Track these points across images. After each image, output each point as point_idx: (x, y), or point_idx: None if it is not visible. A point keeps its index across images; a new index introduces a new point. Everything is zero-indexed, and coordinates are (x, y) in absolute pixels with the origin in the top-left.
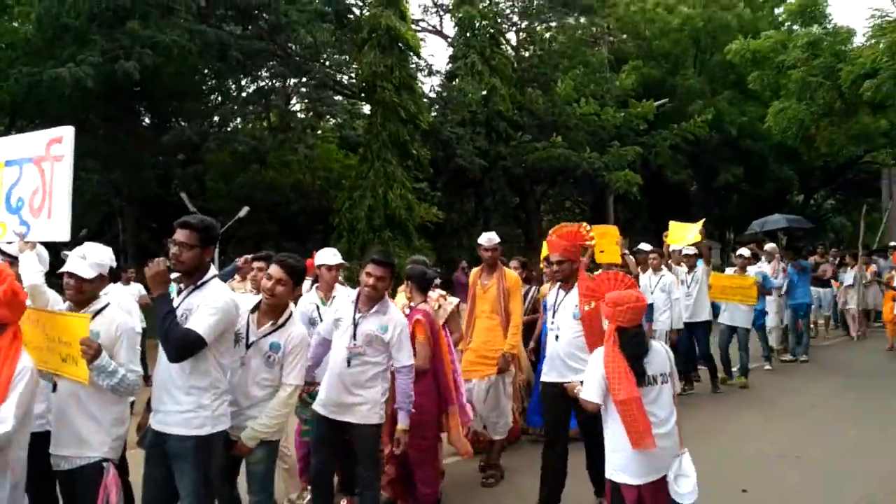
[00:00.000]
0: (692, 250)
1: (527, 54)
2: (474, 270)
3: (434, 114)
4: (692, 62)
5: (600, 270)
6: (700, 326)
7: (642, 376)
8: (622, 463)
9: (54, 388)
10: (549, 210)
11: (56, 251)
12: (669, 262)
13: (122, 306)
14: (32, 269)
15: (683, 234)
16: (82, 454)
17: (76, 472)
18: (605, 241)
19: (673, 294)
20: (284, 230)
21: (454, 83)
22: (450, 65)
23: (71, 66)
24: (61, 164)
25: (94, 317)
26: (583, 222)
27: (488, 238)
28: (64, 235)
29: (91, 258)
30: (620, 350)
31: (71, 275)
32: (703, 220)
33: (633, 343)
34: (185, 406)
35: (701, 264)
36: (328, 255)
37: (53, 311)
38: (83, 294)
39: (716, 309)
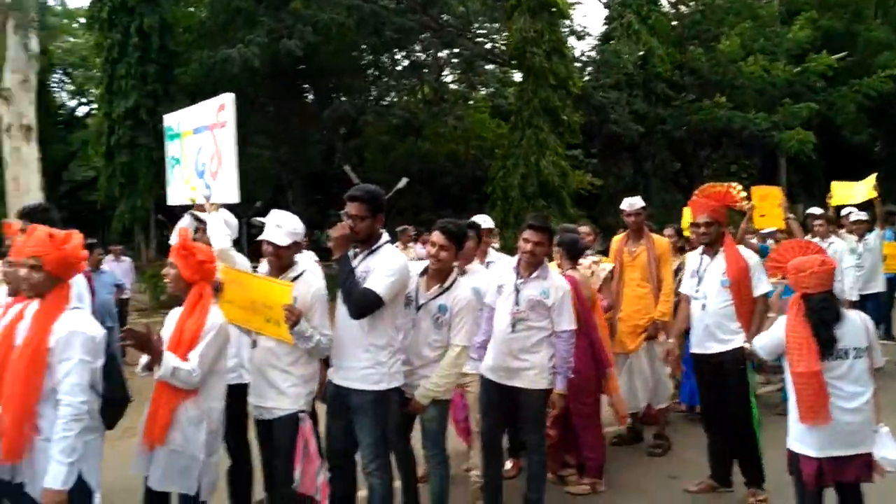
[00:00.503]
0: (863, 215)
1: (687, 10)
2: (618, 237)
3: (587, 78)
4: (874, 10)
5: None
6: (872, 298)
7: (829, 347)
8: (800, 434)
9: (254, 345)
10: (713, 175)
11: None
12: (839, 229)
13: (313, 272)
14: (220, 233)
15: (851, 193)
16: (281, 406)
17: (275, 423)
18: (766, 203)
19: (844, 262)
20: (440, 200)
21: (609, 45)
22: (605, 26)
23: (240, 46)
24: (225, 130)
25: (292, 282)
26: (733, 182)
27: (630, 203)
28: (233, 197)
29: (286, 227)
30: (805, 318)
31: (268, 242)
32: (875, 174)
33: (819, 309)
34: (363, 363)
35: (875, 232)
36: (479, 220)
37: (257, 276)
38: (280, 260)
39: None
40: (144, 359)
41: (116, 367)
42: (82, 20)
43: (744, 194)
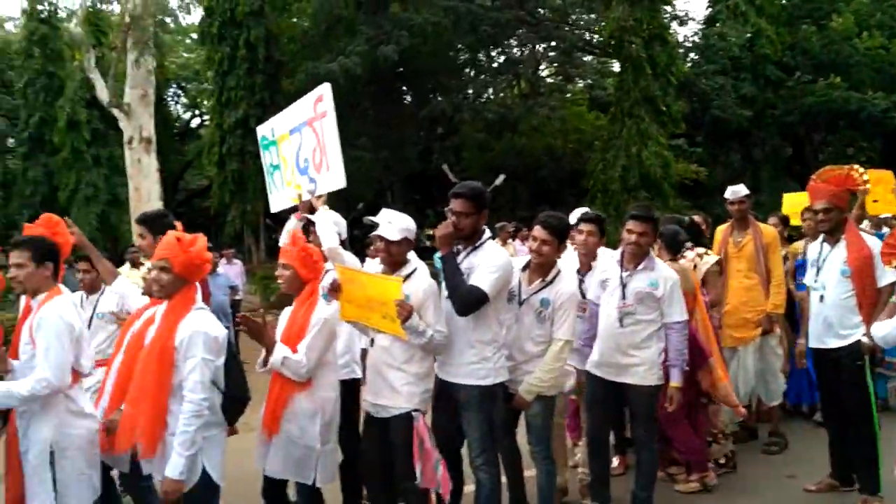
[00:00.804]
0: None
1: None
2: (721, 228)
3: (689, 64)
4: None
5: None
6: None
7: None
8: None
9: (371, 343)
10: (829, 159)
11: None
12: None
13: (425, 269)
14: (329, 233)
15: None
16: (395, 404)
17: (391, 420)
18: (880, 188)
19: None
20: (537, 196)
21: (713, 28)
22: (709, 9)
23: (341, 59)
24: (327, 119)
25: (404, 280)
26: (853, 164)
27: (733, 191)
28: (341, 182)
29: (397, 223)
30: None
31: (381, 238)
32: None
33: None
34: (469, 358)
35: None
36: (579, 214)
37: (369, 273)
38: (391, 256)
39: None
40: (262, 357)
41: (236, 366)
42: (194, 36)
43: (866, 177)
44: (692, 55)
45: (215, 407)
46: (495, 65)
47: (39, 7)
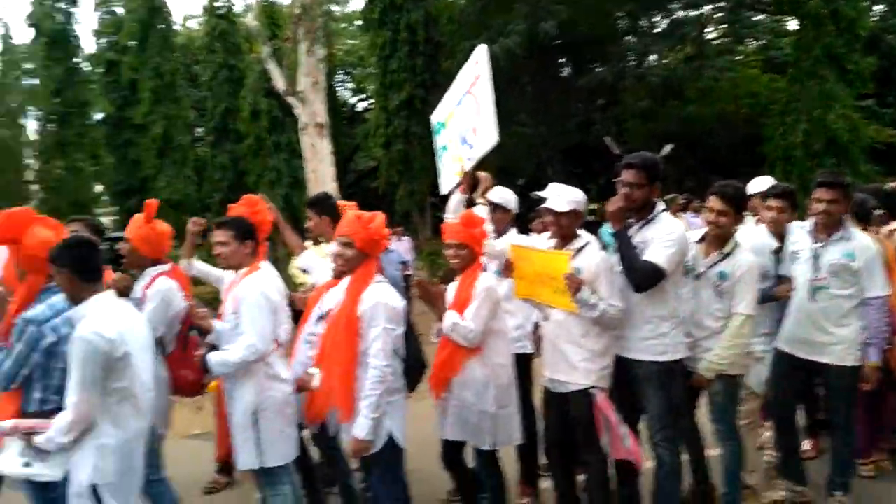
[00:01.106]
0: None
1: None
2: None
3: (875, 18)
4: None
5: None
6: None
7: None
8: None
9: (545, 319)
10: None
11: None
12: None
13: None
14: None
15: None
16: (573, 380)
17: (569, 397)
18: None
19: None
20: (707, 165)
21: None
22: None
23: (501, 39)
24: (482, 81)
25: (576, 254)
26: None
27: None
28: (493, 138)
29: (565, 195)
30: None
31: (549, 210)
32: None
33: None
34: (645, 333)
35: None
36: (759, 183)
37: (539, 249)
38: (561, 228)
39: None
40: (436, 327)
41: (414, 336)
42: (358, 22)
43: None
44: (878, 7)
45: (397, 373)
46: (658, 30)
47: (218, 4)
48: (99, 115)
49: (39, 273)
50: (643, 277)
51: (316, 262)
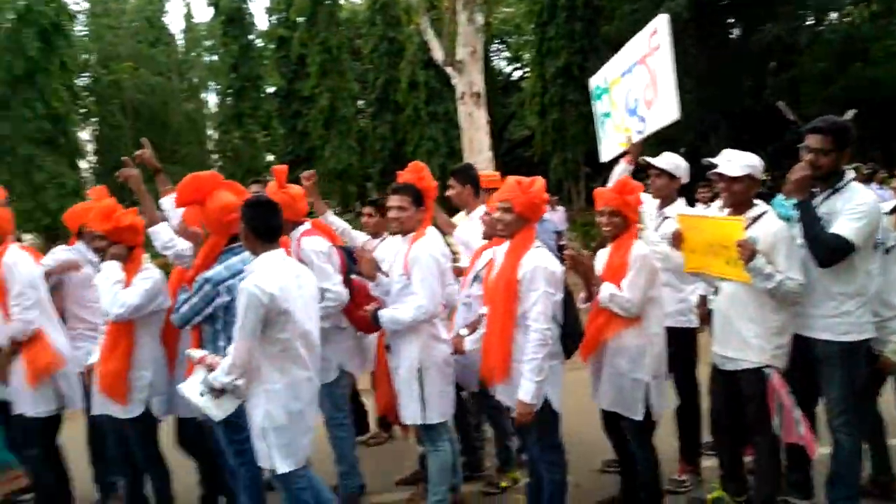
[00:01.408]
0: None
1: None
2: None
3: None
4: None
5: None
6: None
7: None
8: None
9: (716, 292)
10: None
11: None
12: None
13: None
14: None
15: None
16: (744, 357)
17: (740, 374)
18: None
19: None
20: (893, 132)
21: None
22: None
23: (668, 2)
24: (660, 52)
25: (751, 223)
26: None
27: None
28: (673, 114)
29: (737, 160)
30: None
31: (720, 176)
32: None
33: None
34: (827, 311)
35: None
36: None
37: (709, 217)
38: (734, 195)
39: None
40: (583, 294)
41: (571, 303)
42: None
43: None
44: None
45: (556, 339)
46: None
47: None
48: (271, 89)
49: (220, 234)
50: (829, 252)
51: (470, 234)
